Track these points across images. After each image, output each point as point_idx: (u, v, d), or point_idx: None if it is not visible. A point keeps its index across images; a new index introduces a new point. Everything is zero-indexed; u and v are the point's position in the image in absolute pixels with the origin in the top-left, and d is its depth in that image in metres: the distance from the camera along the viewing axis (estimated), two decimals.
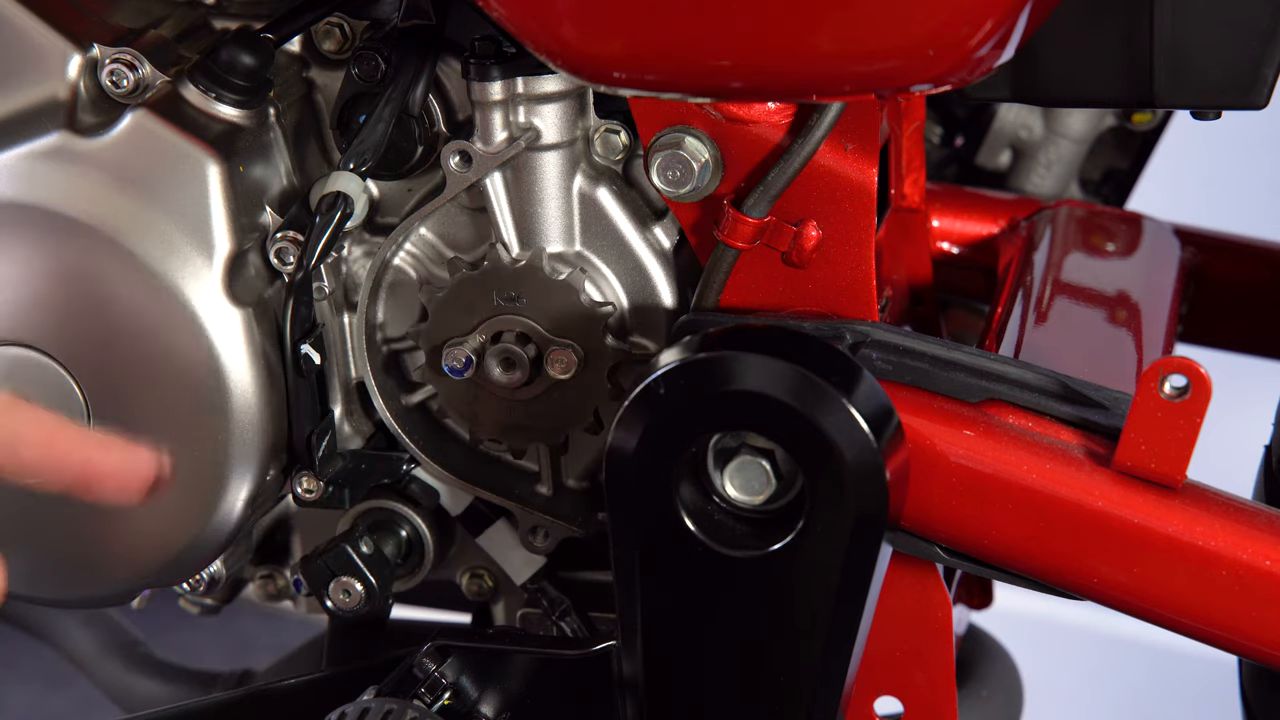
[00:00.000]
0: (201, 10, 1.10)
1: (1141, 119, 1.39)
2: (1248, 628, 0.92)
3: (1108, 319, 1.19)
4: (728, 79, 0.89)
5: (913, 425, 0.95)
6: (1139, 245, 1.28)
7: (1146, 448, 0.92)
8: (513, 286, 1.05)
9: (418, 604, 1.27)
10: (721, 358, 0.92)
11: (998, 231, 1.30)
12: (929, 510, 0.96)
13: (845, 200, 0.98)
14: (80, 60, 1.04)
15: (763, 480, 0.94)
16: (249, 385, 1.04)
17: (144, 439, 0.94)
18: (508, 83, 1.02)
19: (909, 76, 0.87)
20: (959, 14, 0.84)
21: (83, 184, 1.03)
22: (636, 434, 0.93)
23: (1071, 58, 1.00)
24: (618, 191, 1.06)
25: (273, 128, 1.08)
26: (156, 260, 1.02)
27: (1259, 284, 1.32)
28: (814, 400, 0.90)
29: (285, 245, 1.05)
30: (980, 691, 1.28)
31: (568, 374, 1.05)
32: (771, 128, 0.98)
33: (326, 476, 1.09)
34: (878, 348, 0.98)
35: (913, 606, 1.04)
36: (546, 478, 1.13)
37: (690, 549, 0.95)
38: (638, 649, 0.99)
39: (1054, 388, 0.97)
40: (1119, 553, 0.93)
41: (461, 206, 1.09)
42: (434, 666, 1.06)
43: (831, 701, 0.97)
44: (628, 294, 1.07)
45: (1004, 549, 0.96)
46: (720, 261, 1.00)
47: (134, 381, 1.04)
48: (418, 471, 1.14)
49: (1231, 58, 0.98)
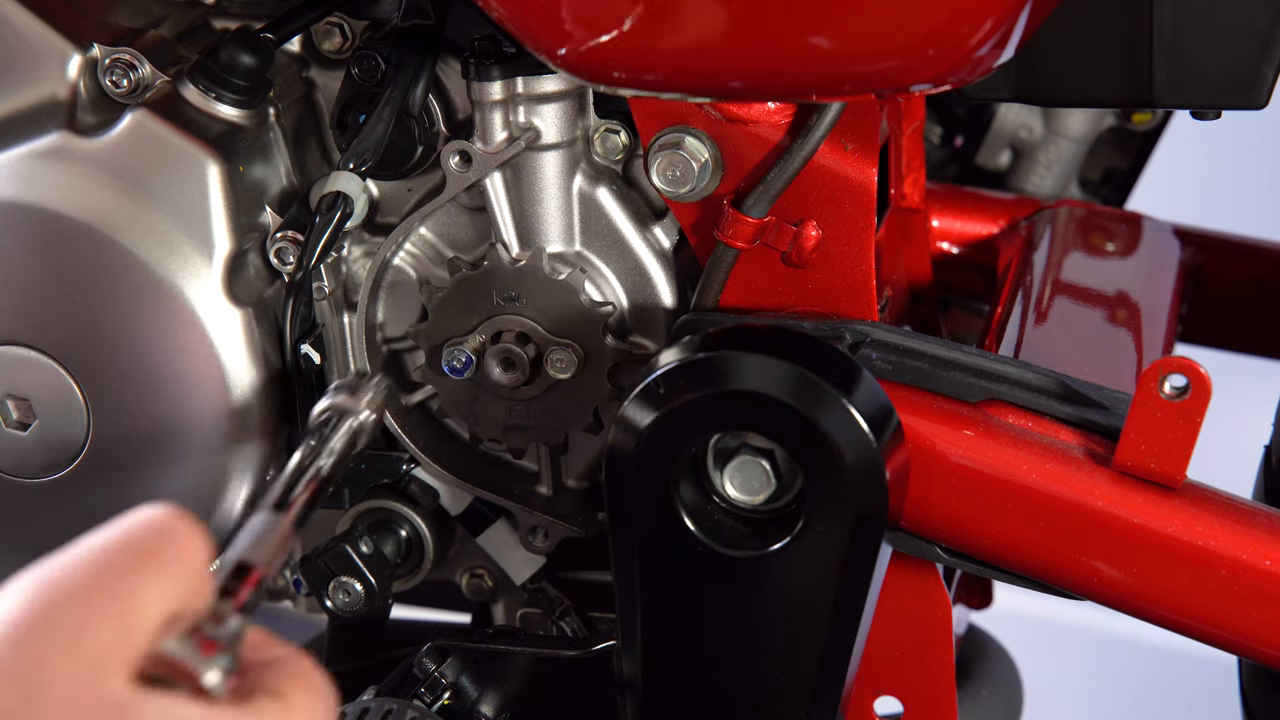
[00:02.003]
0: (201, 10, 1.10)
1: (1141, 119, 1.39)
2: (1247, 628, 0.92)
3: (1108, 319, 1.19)
4: (728, 79, 0.89)
5: (913, 425, 0.95)
6: (1139, 245, 1.28)
7: (1146, 447, 0.91)
8: (513, 286, 1.05)
9: (418, 604, 1.26)
10: (721, 358, 0.92)
11: (998, 231, 1.30)
12: (929, 510, 0.96)
13: (845, 200, 0.98)
14: (80, 60, 1.04)
15: (762, 480, 0.94)
16: (249, 385, 1.04)
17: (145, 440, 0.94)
18: (508, 83, 1.02)
19: (909, 76, 0.87)
20: (959, 14, 0.84)
21: (82, 184, 1.03)
22: (636, 434, 0.93)
23: (1071, 58, 1.00)
24: (618, 191, 1.06)
25: (272, 128, 1.08)
26: (156, 260, 1.02)
27: (1259, 284, 1.32)
28: (814, 400, 0.90)
29: (285, 245, 1.05)
30: (980, 691, 1.28)
31: (568, 374, 1.05)
32: (771, 128, 0.97)
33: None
34: (878, 348, 0.98)
35: (913, 606, 1.04)
36: (546, 478, 1.13)
37: (690, 549, 0.95)
38: (638, 649, 0.99)
39: (1054, 388, 0.97)
40: (1119, 553, 0.93)
41: (461, 206, 1.09)
42: (434, 666, 1.06)
43: (831, 701, 0.97)
44: (628, 294, 1.07)
45: (1004, 549, 0.96)
46: (720, 261, 1.00)
47: (134, 381, 1.04)
48: (418, 471, 1.14)
49: (1231, 58, 0.98)
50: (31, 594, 0.63)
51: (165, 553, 0.65)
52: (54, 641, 0.61)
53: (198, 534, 0.67)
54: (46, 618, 0.62)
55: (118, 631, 0.63)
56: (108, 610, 0.63)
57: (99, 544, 0.65)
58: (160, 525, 0.66)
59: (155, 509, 0.67)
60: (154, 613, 0.64)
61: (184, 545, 0.66)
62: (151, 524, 0.66)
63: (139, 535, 0.65)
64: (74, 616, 0.62)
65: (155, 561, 0.65)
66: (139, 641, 0.63)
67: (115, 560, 0.64)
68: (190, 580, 0.66)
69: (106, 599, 0.63)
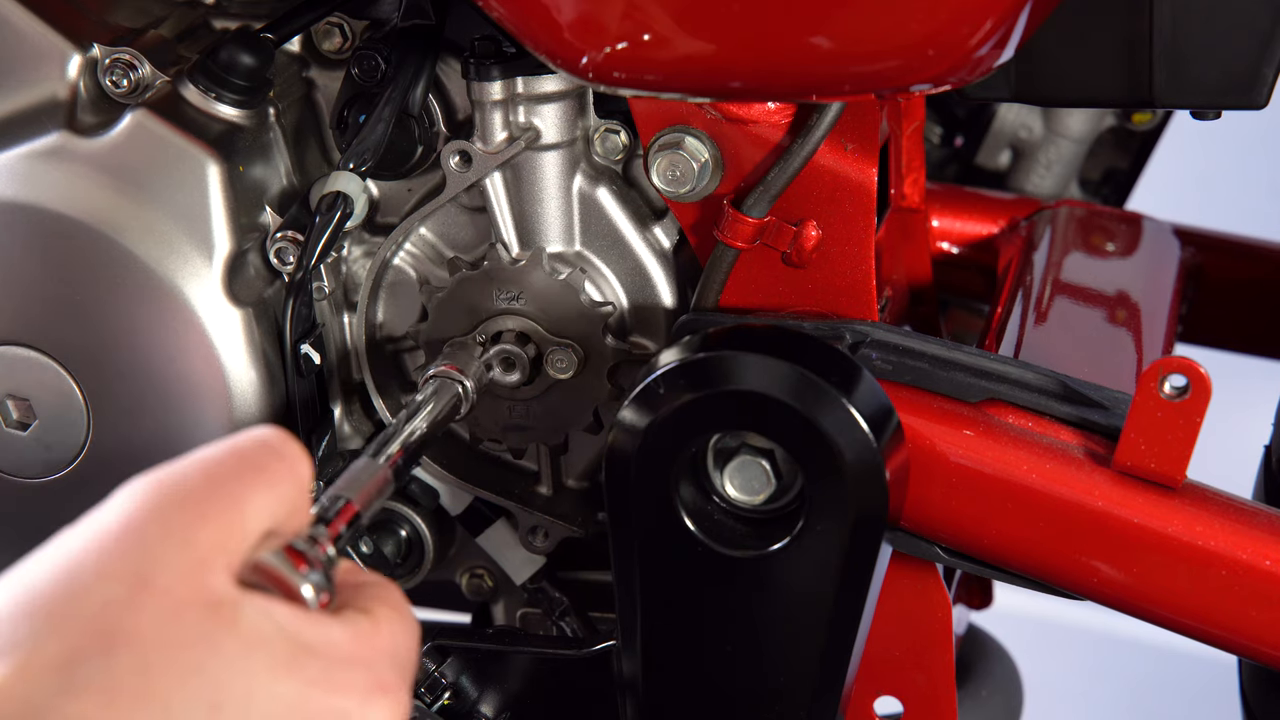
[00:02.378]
0: (201, 10, 1.10)
1: (1141, 119, 1.39)
2: (1247, 628, 0.92)
3: (1108, 319, 1.19)
4: (728, 79, 0.89)
5: (913, 425, 0.95)
6: (1139, 245, 1.28)
7: (1146, 447, 0.91)
8: (512, 286, 1.05)
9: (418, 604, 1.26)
10: (721, 358, 0.92)
11: (998, 231, 1.30)
12: (929, 510, 0.96)
13: (845, 200, 0.98)
14: (80, 60, 1.04)
15: (762, 480, 0.94)
16: (249, 385, 1.04)
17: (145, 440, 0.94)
18: (508, 83, 1.02)
19: (909, 76, 0.87)
20: (959, 14, 0.84)
21: (82, 184, 1.03)
22: (636, 434, 0.93)
23: (1071, 58, 1.00)
24: (618, 191, 1.06)
25: (272, 128, 1.08)
26: (156, 260, 1.02)
27: (1259, 284, 1.32)
28: (814, 400, 0.90)
29: (285, 245, 1.05)
30: (980, 691, 1.28)
31: (568, 374, 1.05)
32: (771, 128, 0.97)
33: (326, 476, 1.09)
34: (878, 348, 0.98)
35: (913, 606, 1.04)
36: (546, 478, 1.13)
37: (690, 549, 0.95)
38: (638, 649, 0.99)
39: (1054, 388, 0.97)
40: (1119, 553, 0.93)
41: (461, 206, 1.09)
42: (434, 666, 1.06)
43: (831, 701, 0.97)
44: (628, 294, 1.07)
45: (1004, 549, 0.96)
46: (720, 261, 1.00)
47: (134, 382, 1.04)
48: (418, 471, 1.14)
49: (1231, 58, 0.98)
50: (145, 493, 0.66)
51: (273, 469, 0.69)
52: (164, 538, 0.64)
53: (303, 457, 0.70)
54: (159, 515, 0.65)
55: (224, 534, 0.66)
56: (216, 513, 0.66)
57: (212, 454, 0.68)
58: (270, 442, 0.70)
59: (267, 428, 0.71)
60: (257, 522, 0.68)
61: (290, 465, 0.70)
62: (263, 441, 0.70)
63: (250, 449, 0.69)
64: (184, 516, 0.65)
65: (263, 475, 0.68)
66: (242, 547, 0.67)
67: (227, 469, 0.68)
68: (293, 498, 0.69)
69: (216, 503, 0.66)
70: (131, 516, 0.65)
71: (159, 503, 0.65)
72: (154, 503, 0.65)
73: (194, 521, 0.65)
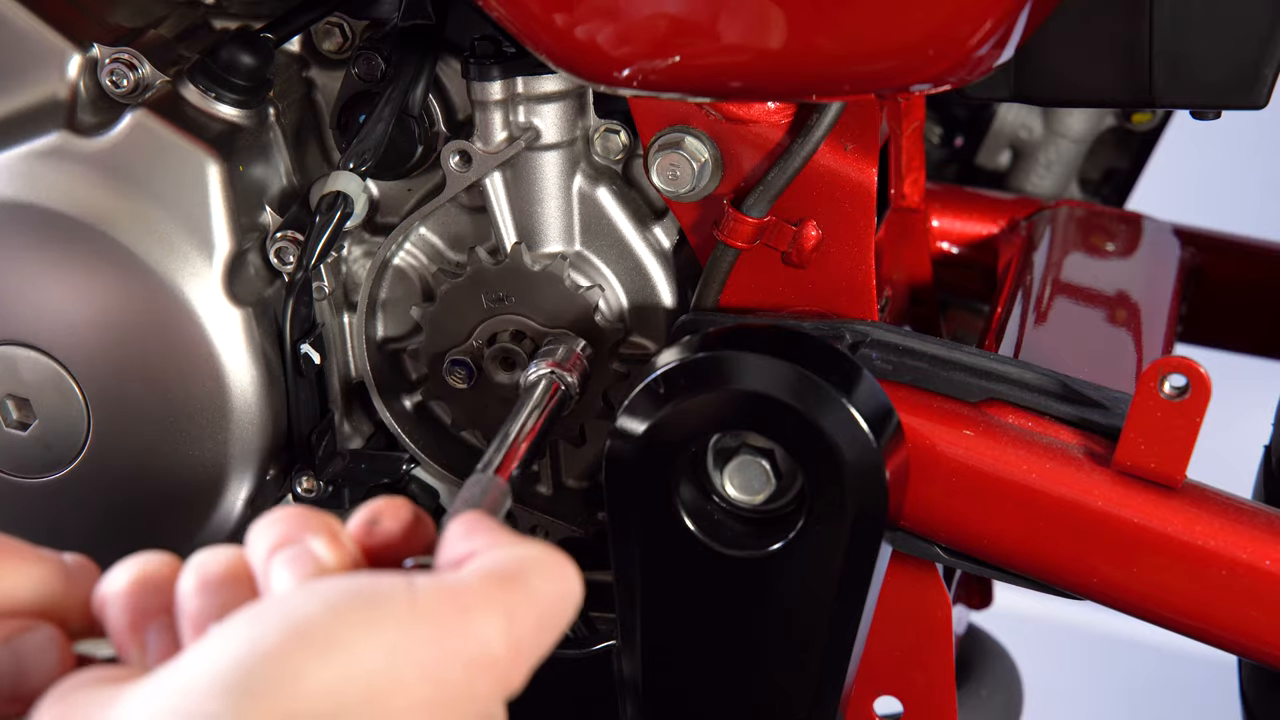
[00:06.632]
0: (201, 10, 1.10)
1: (1141, 119, 1.39)
2: (1247, 628, 0.92)
3: (1108, 319, 1.19)
4: (728, 79, 0.89)
5: (913, 425, 0.95)
6: (1139, 245, 1.28)
7: (1146, 447, 0.91)
8: (498, 287, 1.06)
9: None
10: (721, 358, 0.92)
11: (998, 231, 1.30)
12: (929, 510, 0.96)
13: (845, 200, 0.98)
14: (80, 60, 1.04)
15: (762, 480, 0.94)
16: (249, 385, 1.04)
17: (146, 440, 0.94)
18: (508, 83, 1.02)
19: (909, 76, 0.87)
20: (959, 14, 0.84)
21: (82, 184, 1.03)
22: (636, 434, 0.93)
23: (1071, 58, 1.00)
24: (617, 191, 1.06)
25: (272, 128, 1.08)
26: (156, 260, 1.02)
27: (1259, 284, 1.32)
28: (814, 400, 0.90)
29: (285, 245, 1.05)
30: (980, 691, 1.28)
31: None
32: (771, 128, 0.97)
33: (326, 476, 1.09)
34: (878, 348, 0.98)
35: (913, 606, 1.04)
36: (546, 477, 1.13)
37: (690, 549, 0.95)
38: (638, 649, 0.99)
39: (1054, 388, 0.97)
40: (1119, 552, 0.93)
41: (461, 206, 1.09)
42: None
43: (831, 701, 0.97)
44: (627, 294, 1.07)
45: (1004, 549, 0.96)
46: (720, 261, 1.00)
47: (134, 381, 1.04)
48: (418, 471, 1.14)
49: (1231, 58, 0.98)
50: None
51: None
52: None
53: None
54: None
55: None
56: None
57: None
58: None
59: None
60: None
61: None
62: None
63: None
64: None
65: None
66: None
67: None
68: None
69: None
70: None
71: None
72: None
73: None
